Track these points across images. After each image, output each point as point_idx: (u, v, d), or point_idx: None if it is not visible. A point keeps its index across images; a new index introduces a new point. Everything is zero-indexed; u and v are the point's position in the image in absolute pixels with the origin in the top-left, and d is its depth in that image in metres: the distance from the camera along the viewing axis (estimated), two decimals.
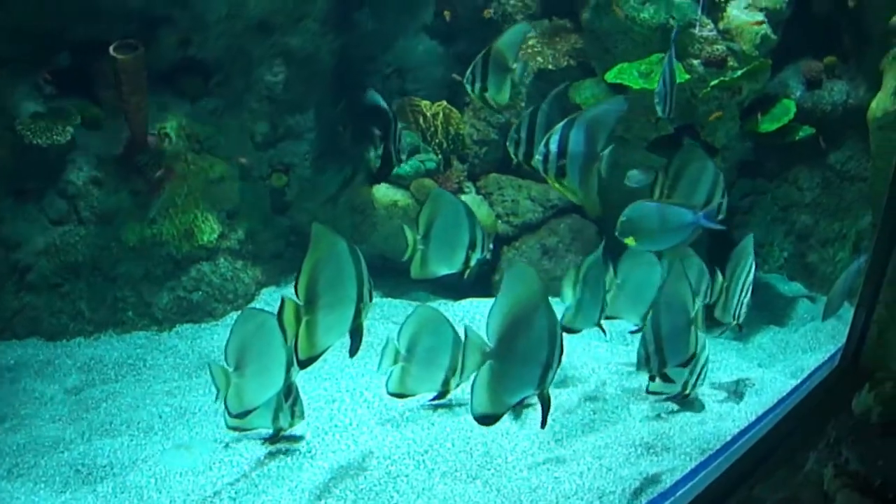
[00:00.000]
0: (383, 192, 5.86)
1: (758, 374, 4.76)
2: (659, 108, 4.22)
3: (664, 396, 4.30)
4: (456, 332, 3.98)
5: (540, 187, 6.07)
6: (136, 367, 5.15)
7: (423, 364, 4.00)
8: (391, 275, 5.91)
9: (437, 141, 5.96)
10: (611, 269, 4.35)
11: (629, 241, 3.83)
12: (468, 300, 5.75)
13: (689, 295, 3.72)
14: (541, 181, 6.10)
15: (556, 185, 3.72)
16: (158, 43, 5.60)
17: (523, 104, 6.16)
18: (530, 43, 6.13)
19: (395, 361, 3.98)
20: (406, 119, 6.01)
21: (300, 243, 6.11)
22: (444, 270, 3.97)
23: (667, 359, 3.70)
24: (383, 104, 5.53)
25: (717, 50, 5.26)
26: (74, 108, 5.41)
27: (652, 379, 4.17)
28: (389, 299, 5.90)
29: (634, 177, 4.49)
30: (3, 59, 5.33)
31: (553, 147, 3.67)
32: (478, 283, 6.01)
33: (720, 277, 4.41)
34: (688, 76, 5.16)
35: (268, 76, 5.99)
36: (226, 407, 3.53)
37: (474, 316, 5.47)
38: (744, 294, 4.42)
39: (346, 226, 6.03)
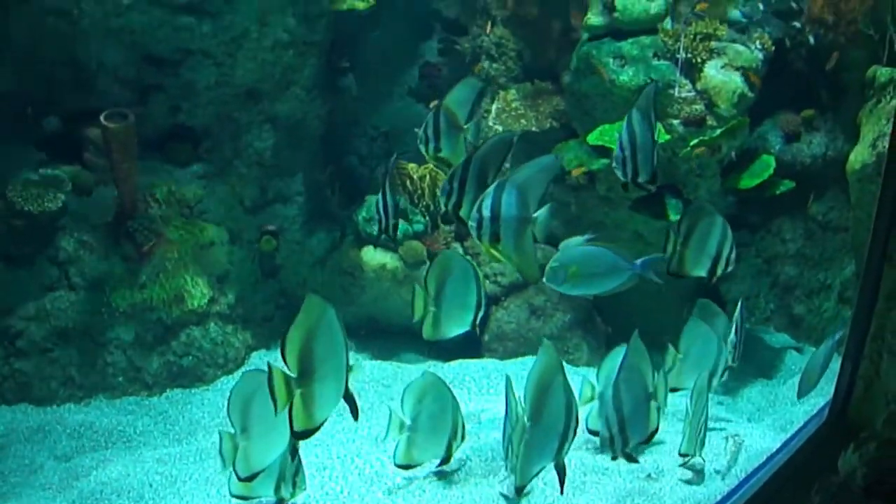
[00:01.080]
0: (372, 255, 5.91)
1: (747, 430, 4.77)
2: (619, 173, 3.92)
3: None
4: (454, 396, 4.00)
5: None
6: (126, 434, 5.14)
7: (427, 432, 4.01)
8: (380, 337, 5.96)
9: (424, 203, 6.02)
10: (670, 348, 4.46)
11: (563, 287, 3.81)
12: (458, 361, 5.77)
13: (649, 370, 3.70)
14: None
15: (491, 250, 3.56)
16: (149, 110, 5.71)
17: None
18: (514, 105, 6.25)
19: (401, 432, 3.98)
20: (393, 182, 6.09)
21: (290, 306, 6.14)
22: (456, 331, 4.02)
23: (629, 438, 3.70)
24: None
25: (696, 110, 5.38)
26: (65, 174, 5.48)
27: (614, 458, 4.04)
28: (379, 362, 5.91)
29: (571, 244, 4.18)
30: None
31: (486, 212, 3.52)
32: (467, 343, 6.04)
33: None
34: (668, 136, 5.27)
35: (256, 142, 6.09)
36: (234, 471, 3.51)
37: (464, 377, 5.50)
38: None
39: (334, 288, 6.07)
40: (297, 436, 3.04)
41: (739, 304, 4.81)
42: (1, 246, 5.39)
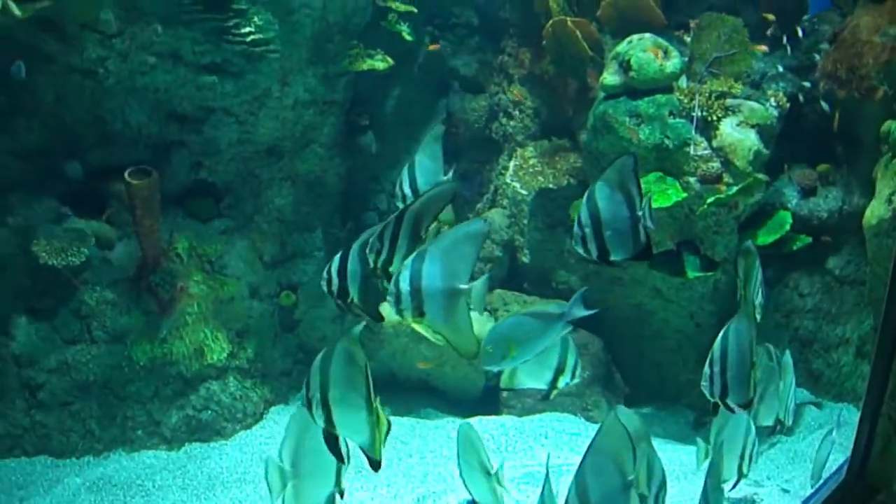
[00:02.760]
0: (391, 311, 5.90)
1: (766, 489, 4.72)
2: (579, 250, 3.54)
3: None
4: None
5: (545, 303, 6.13)
6: (144, 488, 5.15)
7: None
8: (399, 391, 5.95)
9: None
10: (700, 444, 4.35)
11: (504, 364, 3.69)
12: (476, 418, 5.75)
13: (628, 454, 3.02)
14: (547, 296, 6.19)
15: (416, 326, 3.42)
16: (171, 166, 5.82)
17: (525, 221, 6.32)
18: (531, 162, 6.33)
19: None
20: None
21: (308, 360, 6.15)
22: (530, 384, 3.98)
23: None
24: None
25: (713, 167, 5.43)
26: (89, 229, 5.58)
27: None
28: (397, 417, 5.90)
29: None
30: (18, 181, 5.53)
31: (404, 285, 3.17)
32: (486, 399, 6.05)
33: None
34: (685, 194, 5.31)
35: (277, 198, 6.19)
36: None
37: (482, 434, 5.46)
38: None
39: None
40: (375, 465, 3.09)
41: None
42: (24, 299, 5.48)
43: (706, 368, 3.68)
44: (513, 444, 5.48)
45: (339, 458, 3.17)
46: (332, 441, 3.10)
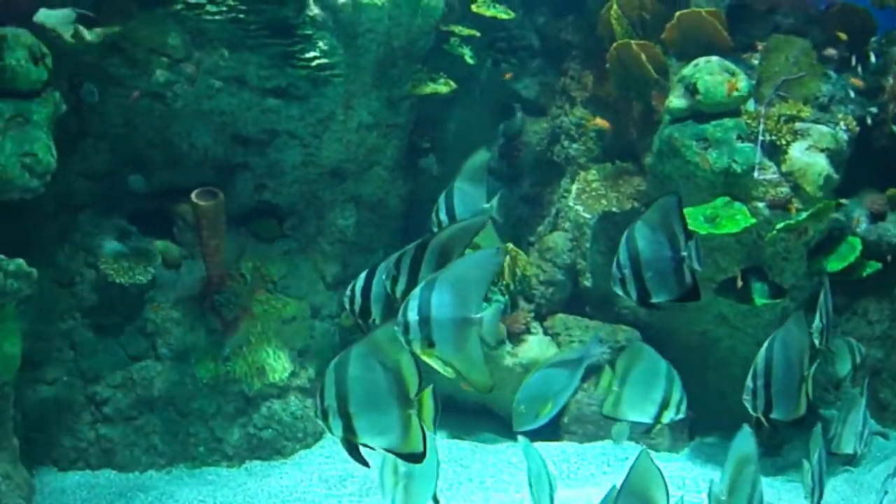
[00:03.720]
0: None
1: None
2: (618, 291, 3.48)
3: None
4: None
5: (608, 328, 6.10)
6: None
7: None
8: (457, 415, 5.92)
9: (503, 282, 6.05)
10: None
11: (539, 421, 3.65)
12: (536, 444, 5.67)
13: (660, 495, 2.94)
14: (609, 321, 6.16)
15: (426, 357, 3.12)
16: (236, 187, 5.93)
17: (588, 245, 6.27)
18: (594, 185, 6.28)
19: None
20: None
21: None
22: (633, 417, 3.93)
23: None
24: None
25: (781, 192, 5.33)
26: (155, 248, 5.70)
27: None
28: (456, 441, 5.90)
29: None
30: (87, 201, 5.69)
31: (412, 315, 3.03)
32: (546, 424, 5.98)
33: None
34: (753, 219, 5.22)
35: (339, 220, 6.25)
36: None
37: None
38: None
39: None
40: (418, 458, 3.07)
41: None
42: (92, 315, 5.60)
43: (748, 381, 3.52)
44: (574, 470, 5.43)
45: (364, 464, 3.13)
46: (352, 448, 3.06)
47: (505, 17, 6.46)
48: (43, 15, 4.98)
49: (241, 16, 5.43)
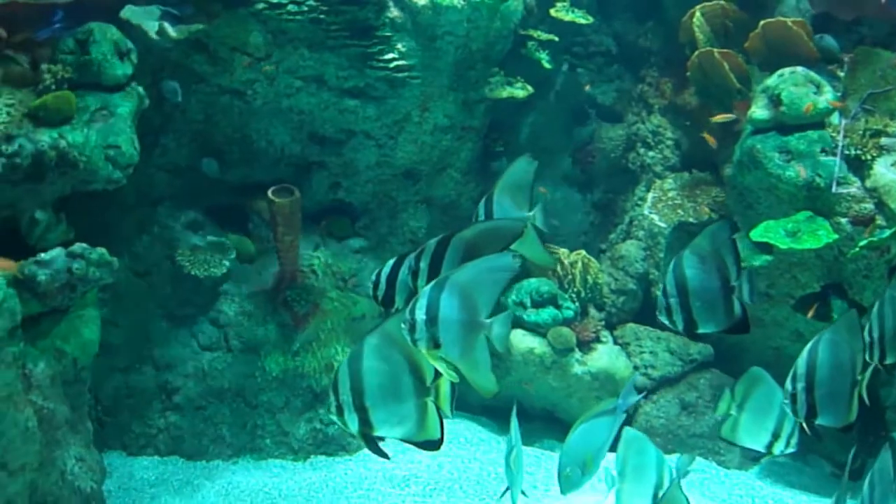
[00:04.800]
0: (520, 339, 5.90)
1: None
2: (664, 320, 3.42)
3: None
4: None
5: (680, 340, 5.99)
6: (270, 496, 5.28)
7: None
8: (522, 420, 5.86)
9: (574, 289, 6.00)
10: None
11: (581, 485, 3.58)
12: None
13: None
14: (681, 333, 6.02)
15: (432, 358, 3.06)
16: (311, 185, 6.01)
17: (662, 255, 6.19)
18: (670, 194, 6.20)
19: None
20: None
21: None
22: (748, 443, 3.89)
23: None
24: None
25: (865, 209, 5.17)
26: (231, 242, 5.80)
27: None
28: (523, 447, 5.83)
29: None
30: (166, 194, 5.82)
31: (420, 314, 2.97)
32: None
33: None
34: (836, 235, 5.09)
35: (412, 221, 6.28)
36: None
37: (609, 470, 5.36)
38: None
39: None
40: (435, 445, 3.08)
41: None
42: (166, 306, 5.73)
43: (787, 384, 3.35)
44: None
45: (384, 456, 3.13)
46: (371, 442, 3.06)
47: (583, 21, 6.41)
48: (129, 11, 5.11)
49: (322, 16, 5.51)
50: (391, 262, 3.68)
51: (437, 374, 2.99)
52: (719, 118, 5.61)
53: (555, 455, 5.79)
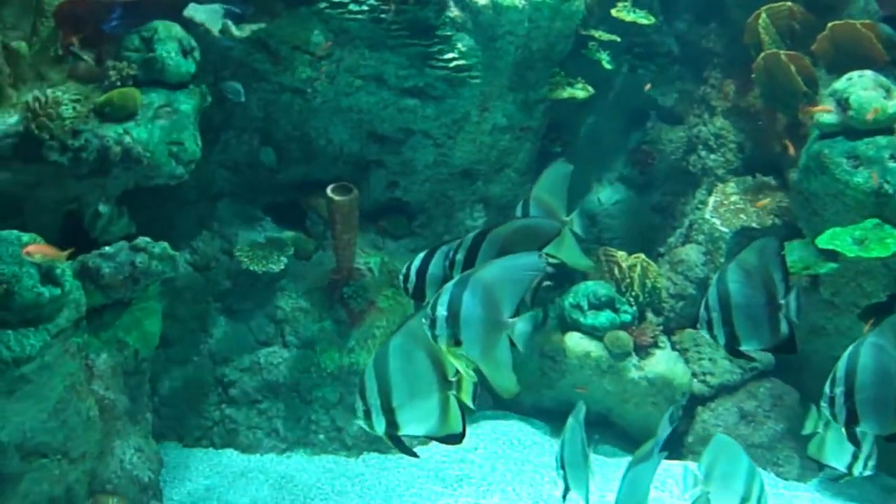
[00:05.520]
0: (576, 342, 5.86)
1: None
2: (704, 333, 3.35)
3: None
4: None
5: None
6: (323, 491, 5.33)
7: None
8: None
9: (632, 293, 5.93)
10: None
11: None
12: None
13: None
14: None
15: (451, 356, 3.04)
16: (369, 184, 6.02)
17: (723, 260, 6.09)
18: (732, 199, 6.10)
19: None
20: (600, 269, 6.05)
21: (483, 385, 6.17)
22: (833, 462, 3.89)
23: None
24: None
25: None
26: (289, 239, 5.84)
27: None
28: None
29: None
30: (226, 190, 5.89)
31: (441, 310, 2.97)
32: (668, 442, 5.84)
33: None
34: None
35: (468, 220, 6.26)
36: None
37: (665, 479, 5.29)
38: None
39: (532, 369, 6.05)
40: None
41: None
42: (224, 300, 5.80)
43: (825, 387, 3.19)
44: None
45: (412, 455, 3.17)
46: (398, 441, 3.06)
47: (645, 22, 6.32)
48: (192, 9, 5.17)
49: (383, 16, 5.51)
50: (421, 254, 3.72)
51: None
52: (817, 110, 5.42)
53: (611, 461, 5.74)
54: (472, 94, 5.81)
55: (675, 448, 5.75)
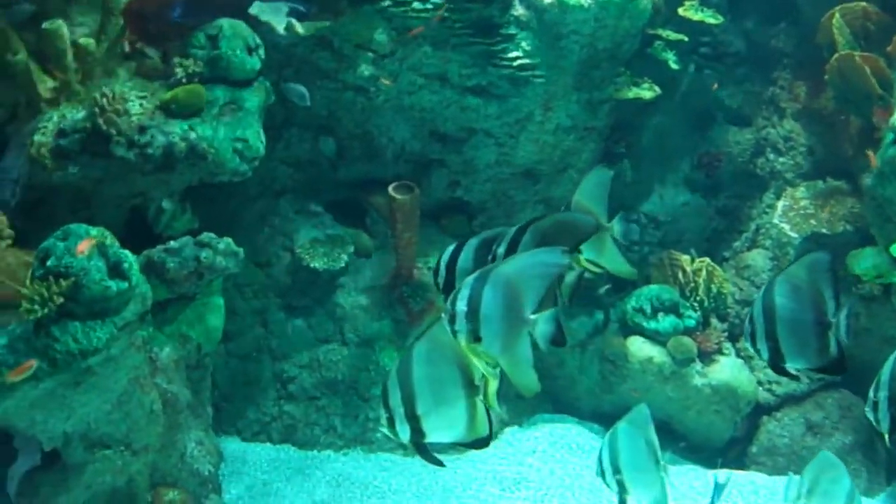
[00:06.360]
0: (638, 347, 5.78)
1: None
2: (748, 346, 3.33)
3: None
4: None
5: None
6: (380, 489, 5.33)
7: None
8: None
9: (697, 298, 5.82)
10: None
11: None
12: (725, 471, 5.44)
13: None
14: None
15: (472, 353, 2.97)
16: (430, 182, 6.00)
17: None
18: (802, 203, 5.95)
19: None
20: (664, 272, 5.96)
21: (545, 386, 6.11)
22: None
23: None
24: None
25: None
26: (349, 236, 5.86)
27: None
28: None
29: None
30: (288, 187, 5.92)
31: (461, 305, 2.92)
32: (731, 450, 5.77)
33: None
34: None
35: None
36: None
37: (730, 490, 5.17)
38: None
39: (592, 373, 6.01)
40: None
41: None
42: (285, 296, 5.84)
43: (870, 392, 3.08)
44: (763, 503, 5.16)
45: (438, 464, 3.10)
46: (423, 450, 3.03)
47: (713, 21, 6.19)
48: (257, 7, 5.21)
49: (447, 14, 5.49)
50: (451, 247, 3.66)
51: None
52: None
53: (672, 468, 5.62)
54: (535, 93, 5.75)
55: (739, 457, 5.65)
